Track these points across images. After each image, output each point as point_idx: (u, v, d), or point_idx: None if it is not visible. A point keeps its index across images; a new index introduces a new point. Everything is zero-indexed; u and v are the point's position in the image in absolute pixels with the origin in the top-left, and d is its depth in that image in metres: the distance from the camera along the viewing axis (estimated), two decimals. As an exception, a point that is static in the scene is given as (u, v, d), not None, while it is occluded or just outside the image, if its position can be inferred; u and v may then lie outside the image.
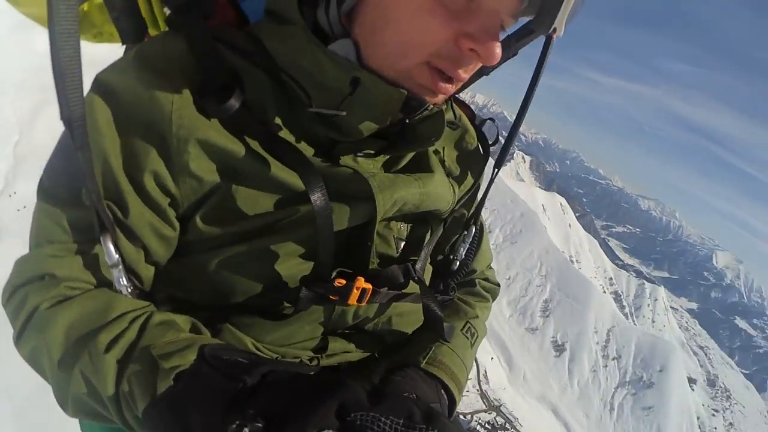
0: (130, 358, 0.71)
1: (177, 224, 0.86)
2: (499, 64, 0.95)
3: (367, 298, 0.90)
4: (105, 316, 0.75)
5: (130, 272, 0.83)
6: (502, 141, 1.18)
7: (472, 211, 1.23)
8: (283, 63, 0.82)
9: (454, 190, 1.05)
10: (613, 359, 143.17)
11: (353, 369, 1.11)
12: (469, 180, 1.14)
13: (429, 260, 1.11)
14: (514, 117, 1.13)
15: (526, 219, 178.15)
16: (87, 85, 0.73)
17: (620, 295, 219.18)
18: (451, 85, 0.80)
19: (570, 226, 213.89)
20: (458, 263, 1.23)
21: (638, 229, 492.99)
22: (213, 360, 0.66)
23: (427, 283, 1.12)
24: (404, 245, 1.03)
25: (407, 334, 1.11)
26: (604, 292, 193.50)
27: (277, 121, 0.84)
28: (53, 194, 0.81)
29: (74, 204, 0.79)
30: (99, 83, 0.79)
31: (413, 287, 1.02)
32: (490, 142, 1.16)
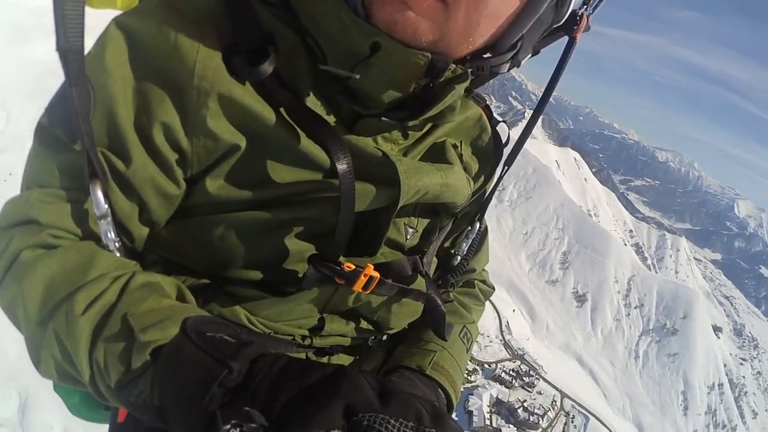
0: (106, 323, 0.65)
1: (183, 183, 0.81)
2: (519, 63, 0.92)
3: (373, 287, 0.88)
4: (85, 274, 0.70)
5: (120, 228, 0.78)
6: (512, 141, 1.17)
7: (478, 208, 1.22)
8: (308, 23, 0.78)
9: (470, 184, 1.03)
10: (636, 308, 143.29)
11: (346, 357, 1.10)
12: (482, 178, 1.12)
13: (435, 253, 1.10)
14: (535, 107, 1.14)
15: (539, 174, 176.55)
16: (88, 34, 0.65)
17: (641, 247, 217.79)
18: None
19: (586, 180, 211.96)
20: (459, 258, 1.22)
21: (657, 182, 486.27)
22: (196, 336, 0.61)
23: (432, 274, 1.10)
24: (416, 235, 1.01)
25: (404, 323, 1.09)
26: (625, 244, 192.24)
27: (306, 90, 0.80)
28: (49, 135, 0.75)
29: (70, 148, 0.73)
30: (116, 24, 0.73)
31: (418, 281, 1.01)
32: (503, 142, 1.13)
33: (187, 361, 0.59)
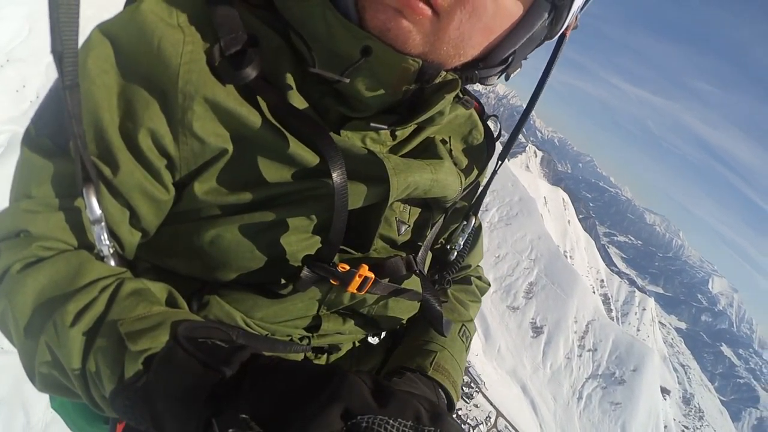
0: (96, 333, 0.65)
1: (172, 188, 0.80)
2: (508, 77, 0.92)
3: (368, 288, 0.88)
4: (74, 283, 0.70)
5: (111, 234, 0.77)
6: (504, 137, 1.15)
7: (473, 202, 1.21)
8: (294, 24, 0.76)
9: (461, 179, 1.02)
10: (589, 350, 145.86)
11: (345, 356, 1.10)
12: (474, 172, 1.12)
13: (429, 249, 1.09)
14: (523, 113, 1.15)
15: (523, 204, 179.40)
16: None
17: (609, 298, 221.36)
18: (421, 4, 0.69)
19: (569, 222, 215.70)
20: (456, 253, 1.22)
21: (640, 242, 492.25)
22: (187, 343, 0.60)
23: (426, 271, 1.10)
24: (408, 230, 1.01)
25: (403, 318, 1.09)
26: (594, 292, 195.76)
27: (291, 91, 0.79)
28: (37, 144, 0.75)
29: (59, 156, 0.73)
30: (99, 31, 0.73)
31: (414, 279, 1.01)
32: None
33: (179, 368, 0.58)
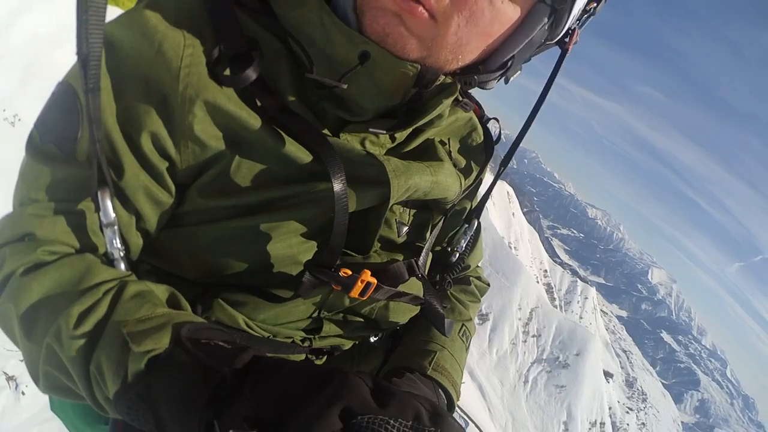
0: (100, 335, 0.66)
1: (174, 190, 0.81)
2: (507, 80, 0.92)
3: (370, 293, 0.88)
4: (79, 286, 0.71)
5: (120, 238, 0.78)
6: (504, 139, 1.14)
7: (475, 205, 1.22)
8: (291, 29, 0.77)
9: (461, 181, 1.02)
10: (533, 336, 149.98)
11: (345, 357, 1.11)
12: (473, 173, 1.12)
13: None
14: (513, 133, 1.14)
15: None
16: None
17: (552, 288, 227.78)
18: (419, 7, 0.70)
19: (513, 215, 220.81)
20: (457, 255, 1.22)
21: (582, 235, 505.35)
22: (190, 344, 0.61)
23: (426, 272, 1.09)
24: (407, 232, 1.01)
25: (404, 319, 1.09)
26: (537, 282, 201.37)
27: (289, 95, 0.80)
28: (42, 150, 0.75)
29: (64, 161, 0.73)
30: None
31: (415, 282, 1.01)
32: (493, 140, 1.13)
33: (181, 369, 0.58)
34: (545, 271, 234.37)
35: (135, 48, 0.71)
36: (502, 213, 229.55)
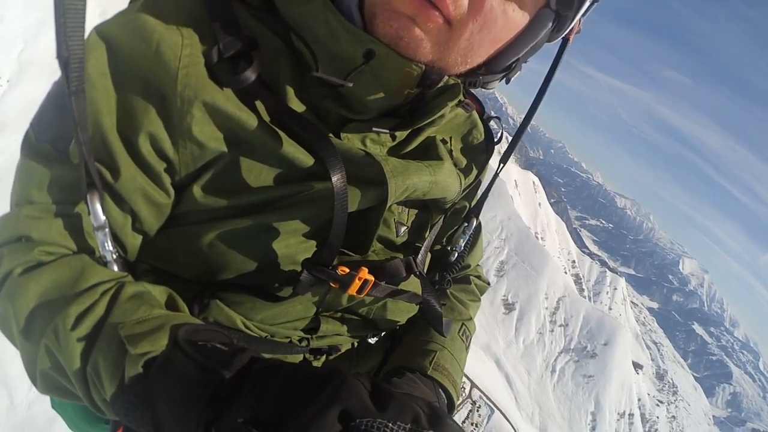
0: (97, 336, 0.66)
1: (172, 191, 0.80)
2: (509, 80, 0.93)
3: (368, 290, 0.87)
4: (76, 287, 0.70)
5: (114, 239, 0.78)
6: (507, 138, 1.13)
7: (474, 204, 1.21)
8: (295, 26, 0.76)
9: (460, 180, 1.02)
10: (560, 326, 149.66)
11: (343, 357, 1.10)
12: (473, 173, 1.11)
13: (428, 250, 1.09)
14: (522, 117, 1.15)
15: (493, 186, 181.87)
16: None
17: (581, 278, 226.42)
18: (436, 12, 0.69)
19: (540, 205, 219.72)
20: (456, 254, 1.22)
21: (611, 225, 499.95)
22: (187, 346, 0.60)
23: (425, 271, 1.09)
24: (406, 231, 1.00)
25: (402, 319, 1.09)
26: (565, 272, 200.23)
27: (290, 94, 0.79)
28: (37, 149, 0.74)
29: (59, 161, 0.73)
30: (96, 33, 0.71)
31: (414, 281, 1.00)
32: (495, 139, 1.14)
33: (179, 371, 0.58)
34: (573, 261, 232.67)
35: (133, 48, 0.70)
36: (528, 203, 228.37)
